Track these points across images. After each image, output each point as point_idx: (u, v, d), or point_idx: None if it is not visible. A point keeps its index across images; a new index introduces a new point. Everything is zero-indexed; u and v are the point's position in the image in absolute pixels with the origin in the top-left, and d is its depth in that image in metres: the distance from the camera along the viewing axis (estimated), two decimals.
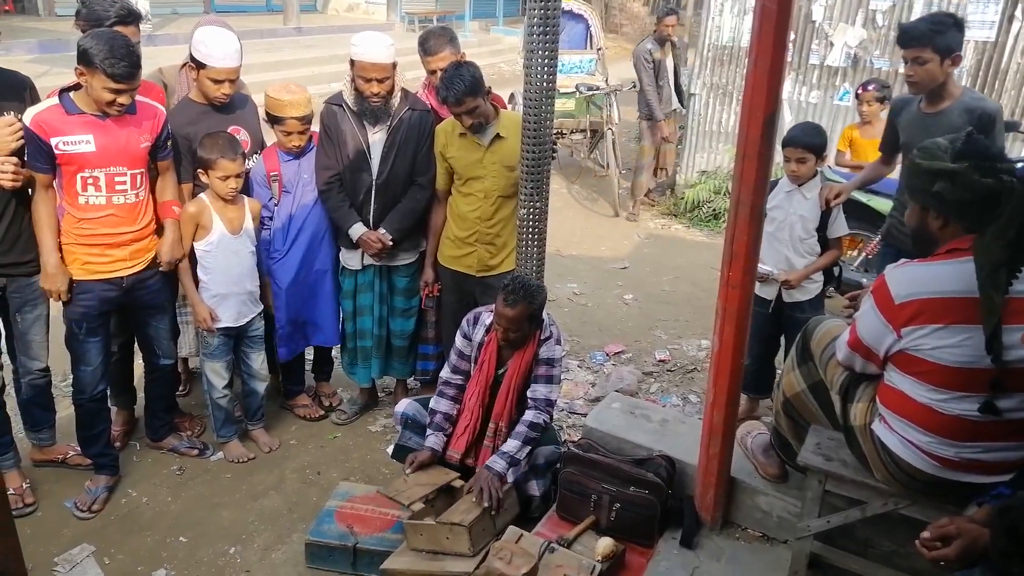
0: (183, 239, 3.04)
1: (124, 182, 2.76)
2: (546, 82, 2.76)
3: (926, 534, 1.62)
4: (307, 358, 3.80)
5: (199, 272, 3.14)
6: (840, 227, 3.28)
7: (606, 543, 2.49)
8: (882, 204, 4.24)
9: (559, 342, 2.87)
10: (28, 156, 2.66)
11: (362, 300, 3.48)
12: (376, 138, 3.25)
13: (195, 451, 3.36)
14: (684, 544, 2.60)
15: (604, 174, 7.59)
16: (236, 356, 3.35)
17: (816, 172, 3.24)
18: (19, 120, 2.64)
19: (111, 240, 2.80)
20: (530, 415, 2.78)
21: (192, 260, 3.13)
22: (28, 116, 2.62)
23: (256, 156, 3.34)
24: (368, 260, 3.38)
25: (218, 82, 3.04)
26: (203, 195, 3.11)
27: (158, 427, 3.35)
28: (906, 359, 2.01)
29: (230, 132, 3.13)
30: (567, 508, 2.71)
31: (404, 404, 3.05)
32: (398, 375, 3.73)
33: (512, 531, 2.52)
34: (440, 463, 2.85)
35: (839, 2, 6.28)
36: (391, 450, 3.15)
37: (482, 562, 2.44)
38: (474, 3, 18.36)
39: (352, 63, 3.15)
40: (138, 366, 3.36)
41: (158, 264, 2.96)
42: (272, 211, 3.33)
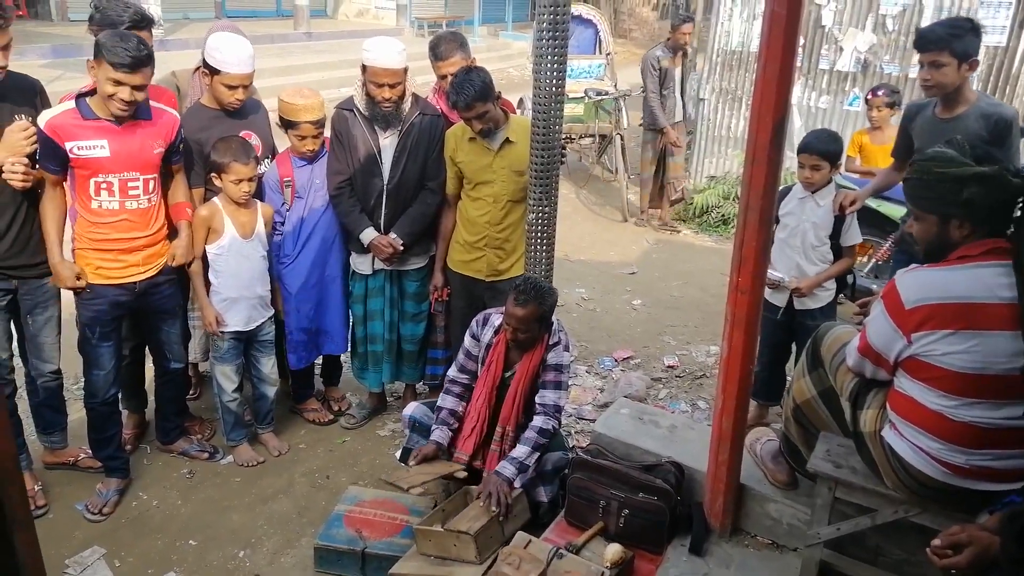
0: (195, 242, 3.06)
1: (137, 187, 2.78)
2: (555, 87, 2.78)
3: (937, 542, 1.62)
4: (316, 362, 3.82)
5: (210, 275, 3.16)
6: (854, 235, 3.25)
7: (615, 549, 2.48)
8: (892, 210, 4.23)
9: (567, 348, 2.88)
10: (40, 157, 2.68)
11: (372, 305, 3.49)
12: (387, 143, 3.27)
13: (205, 454, 3.37)
14: (693, 551, 2.59)
15: (613, 179, 7.59)
16: (246, 360, 3.37)
17: (830, 179, 3.22)
18: (33, 124, 2.67)
19: (124, 246, 2.82)
20: (539, 421, 2.78)
21: (204, 263, 3.15)
22: (42, 120, 2.64)
23: (269, 161, 3.36)
24: (379, 264, 3.40)
25: (232, 88, 3.06)
26: (215, 199, 3.13)
27: (169, 430, 3.37)
28: (916, 365, 2.01)
29: (243, 137, 3.15)
30: (575, 514, 2.71)
31: (411, 407, 3.06)
32: (408, 380, 3.74)
33: (521, 537, 2.52)
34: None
35: (849, 7, 6.27)
36: (399, 454, 3.16)
37: (491, 567, 2.44)
38: (483, 8, 18.41)
39: (364, 68, 3.17)
40: (148, 369, 3.38)
41: (170, 269, 2.98)
42: (284, 216, 3.35)
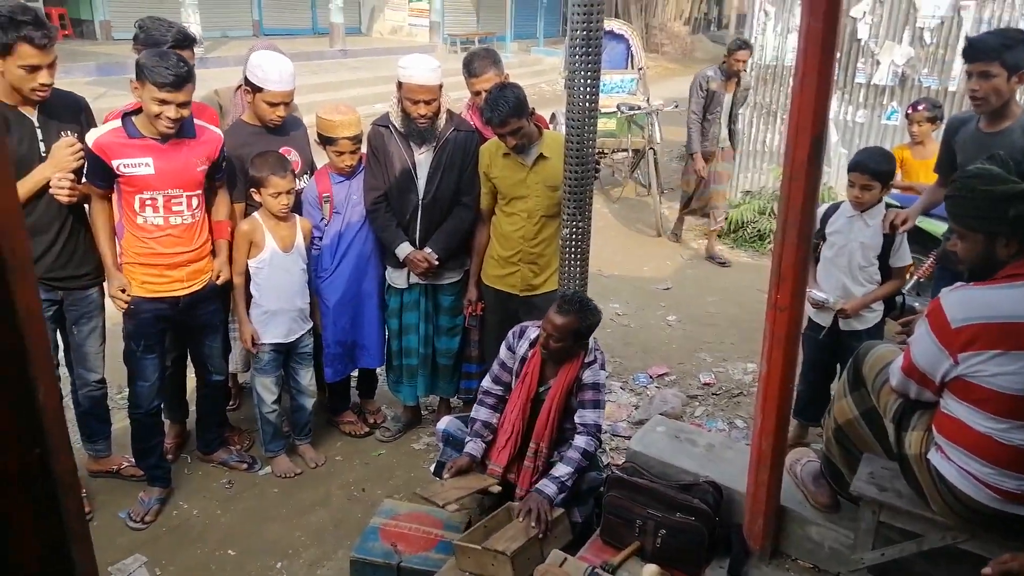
0: (237, 257, 3.13)
1: (181, 204, 2.85)
2: (588, 102, 2.78)
3: (987, 570, 1.59)
4: (352, 375, 3.86)
5: (251, 288, 3.21)
6: (904, 255, 3.17)
7: (652, 570, 2.45)
8: (934, 226, 4.14)
9: (603, 367, 2.86)
10: (88, 174, 2.76)
11: (408, 319, 3.52)
12: (422, 159, 3.31)
13: (244, 465, 3.42)
14: (732, 574, 2.55)
15: (646, 194, 7.57)
16: (285, 372, 3.41)
17: (880, 199, 3.16)
18: (79, 140, 2.75)
19: (169, 261, 2.89)
20: (581, 441, 2.76)
21: (245, 278, 3.21)
22: (91, 139, 2.72)
23: (307, 177, 3.42)
24: (414, 279, 3.43)
25: (273, 105, 3.13)
26: (256, 214, 3.19)
27: (209, 440, 3.43)
28: (963, 386, 1.97)
29: (281, 152, 3.21)
30: (611, 533, 2.68)
31: (445, 421, 3.07)
32: (442, 393, 3.76)
33: (556, 555, 2.49)
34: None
35: (885, 20, 6.19)
36: (433, 468, 3.17)
37: None
38: (515, 24, 18.61)
39: (400, 85, 3.21)
40: (190, 380, 3.45)
41: (214, 284, 3.04)
42: (322, 231, 3.41)
